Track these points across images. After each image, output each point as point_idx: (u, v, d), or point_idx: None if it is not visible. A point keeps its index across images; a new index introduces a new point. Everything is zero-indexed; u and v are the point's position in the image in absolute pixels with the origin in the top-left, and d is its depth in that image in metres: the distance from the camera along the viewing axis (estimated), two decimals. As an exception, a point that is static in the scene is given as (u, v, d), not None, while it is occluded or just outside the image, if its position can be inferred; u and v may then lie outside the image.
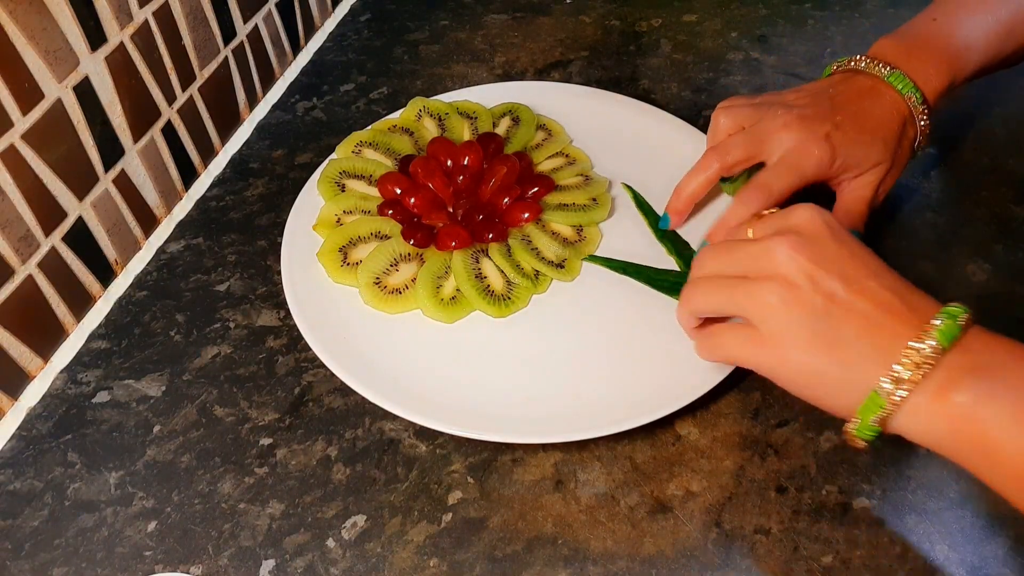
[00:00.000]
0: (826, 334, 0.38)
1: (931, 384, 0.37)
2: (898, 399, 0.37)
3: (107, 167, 0.57)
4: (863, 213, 0.54)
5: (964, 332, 0.37)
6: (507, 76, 0.75)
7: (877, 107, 0.53)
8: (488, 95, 0.67)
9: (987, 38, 0.54)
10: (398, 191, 0.59)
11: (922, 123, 0.54)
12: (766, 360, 0.40)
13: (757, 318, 0.40)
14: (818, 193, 0.51)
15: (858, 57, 0.55)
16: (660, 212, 0.59)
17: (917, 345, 0.37)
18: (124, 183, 0.58)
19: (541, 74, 0.75)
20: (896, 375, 0.37)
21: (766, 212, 0.46)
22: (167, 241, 0.62)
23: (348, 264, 0.55)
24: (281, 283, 0.55)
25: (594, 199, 0.59)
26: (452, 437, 0.49)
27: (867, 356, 0.38)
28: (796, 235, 0.41)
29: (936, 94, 0.54)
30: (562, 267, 0.56)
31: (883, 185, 0.54)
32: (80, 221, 0.55)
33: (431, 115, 0.65)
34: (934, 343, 0.36)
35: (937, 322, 0.37)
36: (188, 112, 0.64)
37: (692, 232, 0.58)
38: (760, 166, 0.53)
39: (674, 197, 0.56)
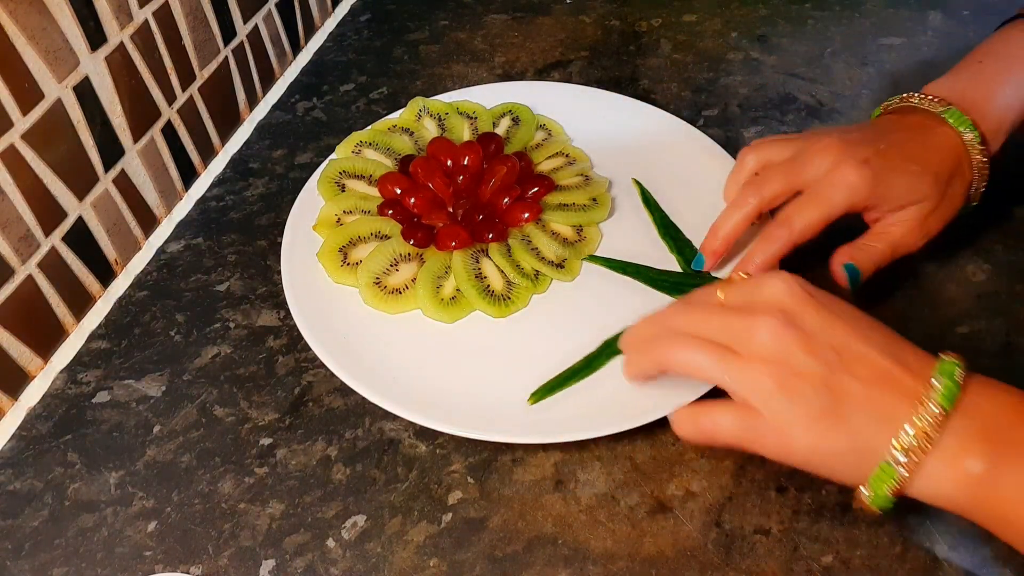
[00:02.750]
0: (829, 410, 0.37)
1: (942, 451, 0.36)
2: (910, 468, 0.36)
3: (107, 167, 0.56)
4: (885, 254, 0.49)
5: (964, 389, 0.37)
6: (507, 76, 0.75)
7: (930, 140, 0.49)
8: (488, 95, 0.67)
9: None
10: (398, 191, 0.59)
11: (979, 165, 0.50)
12: (771, 445, 0.39)
13: (756, 400, 0.38)
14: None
15: (908, 94, 0.52)
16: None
17: (921, 412, 0.36)
18: (124, 183, 0.58)
19: (541, 74, 0.75)
20: (904, 444, 0.36)
21: (737, 276, 0.44)
22: (167, 241, 0.62)
23: (348, 264, 0.55)
24: (281, 283, 0.55)
25: (594, 199, 0.59)
26: (452, 437, 0.49)
27: (873, 427, 0.37)
28: (777, 313, 0.39)
29: (994, 133, 0.50)
30: (562, 267, 0.56)
31: (926, 225, 0.49)
32: (80, 221, 0.55)
33: (431, 115, 0.65)
34: (937, 409, 0.36)
35: (936, 384, 0.36)
36: (188, 112, 0.64)
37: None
38: None
39: (710, 236, 0.52)
